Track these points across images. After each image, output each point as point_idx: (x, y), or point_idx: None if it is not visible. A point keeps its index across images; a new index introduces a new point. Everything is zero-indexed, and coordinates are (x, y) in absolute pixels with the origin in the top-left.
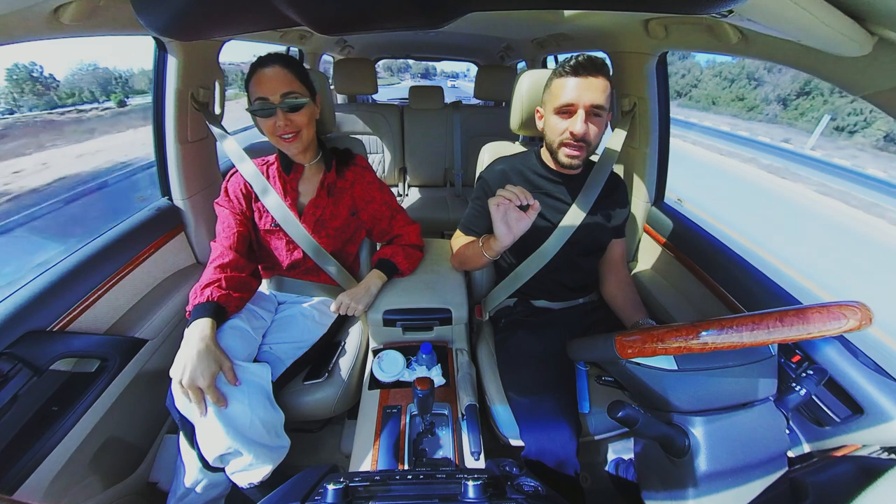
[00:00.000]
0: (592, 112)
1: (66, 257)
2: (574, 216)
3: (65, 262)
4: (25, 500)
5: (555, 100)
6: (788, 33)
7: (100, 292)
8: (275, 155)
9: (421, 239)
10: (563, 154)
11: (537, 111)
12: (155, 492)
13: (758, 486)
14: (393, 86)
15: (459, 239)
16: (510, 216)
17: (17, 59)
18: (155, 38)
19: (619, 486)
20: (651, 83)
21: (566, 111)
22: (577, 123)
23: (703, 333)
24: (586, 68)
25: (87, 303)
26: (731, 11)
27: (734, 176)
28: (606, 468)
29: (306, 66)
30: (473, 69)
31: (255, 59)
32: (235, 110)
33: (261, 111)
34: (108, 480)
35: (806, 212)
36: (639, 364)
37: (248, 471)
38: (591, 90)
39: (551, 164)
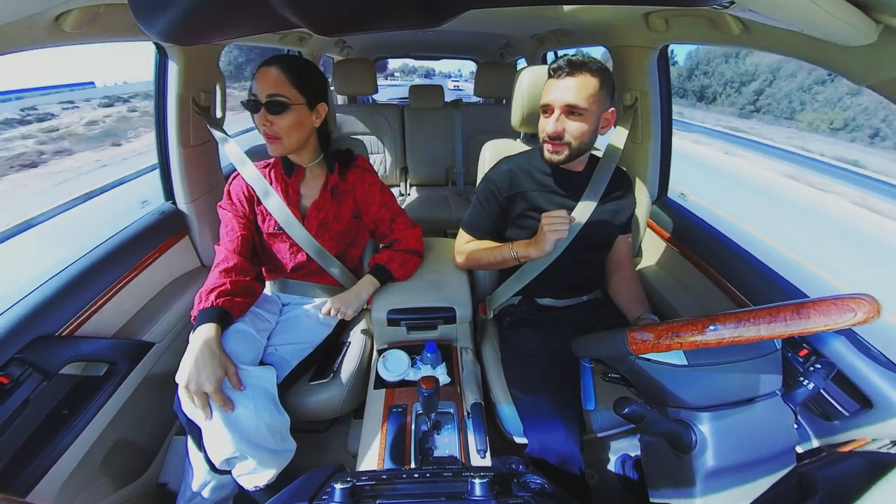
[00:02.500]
0: (568, 111)
1: (73, 262)
2: (580, 213)
3: (72, 268)
4: (38, 502)
5: (542, 100)
6: (791, 23)
7: (107, 297)
8: (276, 158)
9: (421, 244)
10: (546, 150)
11: None
12: (165, 493)
13: (766, 482)
14: (407, 83)
15: (471, 243)
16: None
17: None
18: (155, 43)
19: (626, 483)
20: (652, 77)
21: (546, 111)
22: (549, 123)
23: (720, 327)
24: (562, 69)
25: (94, 307)
26: (732, 2)
27: None
28: (612, 465)
29: None
30: (465, 68)
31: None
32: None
33: (248, 105)
34: (118, 482)
35: None
36: (649, 360)
37: (254, 474)
38: (565, 90)
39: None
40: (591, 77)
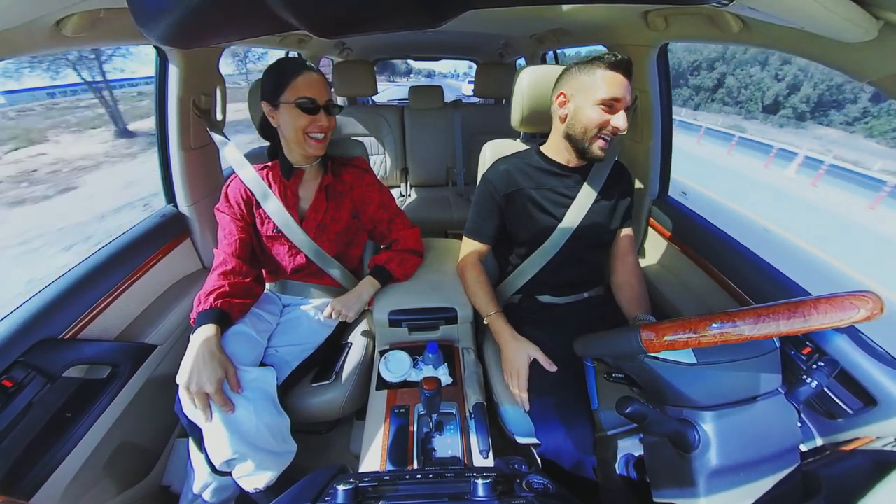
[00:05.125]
0: (625, 108)
1: (76, 265)
2: (578, 209)
3: (75, 271)
4: None
5: (599, 91)
6: (791, 20)
7: (109, 299)
8: (274, 161)
9: (420, 243)
10: (597, 147)
11: (561, 95)
12: (168, 495)
13: (770, 481)
14: (418, 81)
15: (469, 248)
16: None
17: None
18: (156, 46)
19: (630, 482)
20: (652, 76)
21: (610, 105)
22: (622, 119)
23: (739, 323)
24: (628, 70)
25: (97, 310)
26: (731, 0)
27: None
28: (616, 464)
29: None
30: (462, 69)
31: (291, 58)
32: None
33: (309, 107)
34: (122, 485)
35: None
36: (658, 359)
37: (254, 476)
38: (629, 90)
39: (557, 159)
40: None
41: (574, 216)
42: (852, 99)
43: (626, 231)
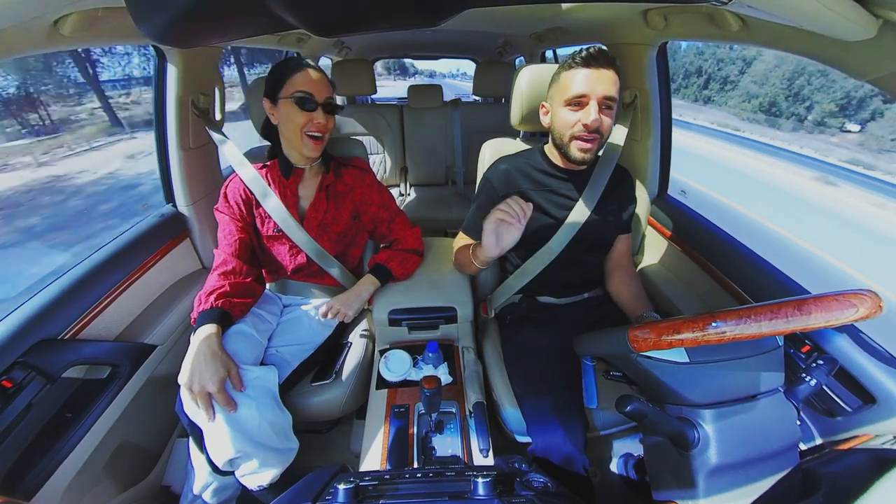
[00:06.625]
0: (604, 104)
1: (75, 265)
2: (580, 212)
3: (74, 271)
4: None
5: (564, 92)
6: (790, 19)
7: (109, 300)
8: (273, 160)
9: (420, 243)
10: (576, 148)
11: (542, 106)
12: (168, 495)
13: (770, 479)
14: (421, 81)
15: (461, 243)
16: (501, 228)
17: None
18: (154, 46)
19: (629, 480)
20: (651, 74)
21: (577, 103)
22: (591, 114)
23: (720, 324)
24: (597, 60)
25: (96, 310)
26: None
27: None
28: (615, 463)
29: None
30: (462, 68)
31: (294, 57)
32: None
33: (306, 104)
34: (122, 485)
35: None
36: (650, 358)
37: (258, 473)
38: (603, 81)
39: (556, 161)
40: (615, 72)
41: (575, 219)
42: (673, 78)
43: (625, 237)
